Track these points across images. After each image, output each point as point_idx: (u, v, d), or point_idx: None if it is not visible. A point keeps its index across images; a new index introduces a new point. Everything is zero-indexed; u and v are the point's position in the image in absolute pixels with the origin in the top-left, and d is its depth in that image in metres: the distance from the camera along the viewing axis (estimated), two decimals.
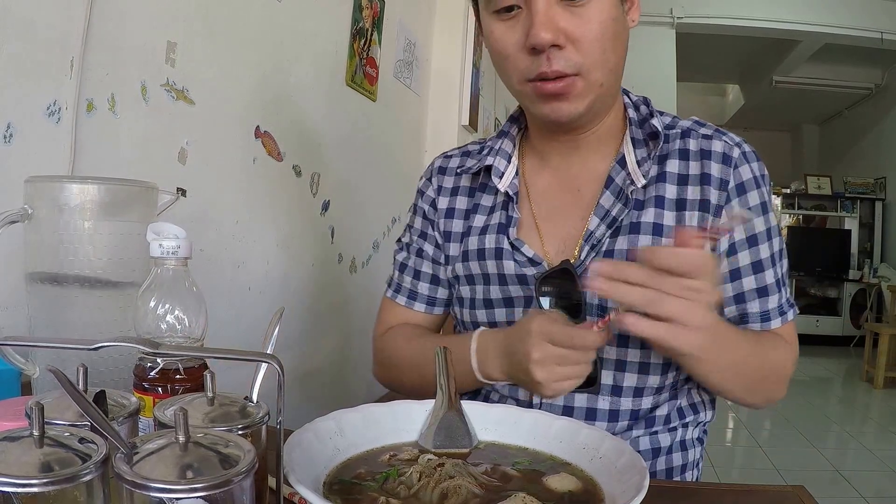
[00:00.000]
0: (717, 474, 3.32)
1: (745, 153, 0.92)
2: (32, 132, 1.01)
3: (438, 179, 1.09)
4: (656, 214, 0.90)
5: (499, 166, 1.00)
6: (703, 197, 0.90)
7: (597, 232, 0.92)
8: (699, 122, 0.97)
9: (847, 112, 8.77)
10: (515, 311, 0.97)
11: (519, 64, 0.86)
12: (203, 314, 0.69)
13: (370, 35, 2.21)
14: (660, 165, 0.93)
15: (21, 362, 0.76)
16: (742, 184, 0.90)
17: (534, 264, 0.95)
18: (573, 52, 0.83)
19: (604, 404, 0.93)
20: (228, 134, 1.50)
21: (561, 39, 0.81)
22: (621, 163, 0.94)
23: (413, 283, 1.10)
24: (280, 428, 0.52)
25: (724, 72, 8.53)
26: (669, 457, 0.97)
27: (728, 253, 0.91)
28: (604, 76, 0.86)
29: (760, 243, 0.91)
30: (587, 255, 0.91)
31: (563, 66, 0.83)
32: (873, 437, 4.26)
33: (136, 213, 0.81)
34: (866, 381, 5.80)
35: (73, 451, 0.43)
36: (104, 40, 1.12)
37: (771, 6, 5.83)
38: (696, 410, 1.00)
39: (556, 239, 0.96)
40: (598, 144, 0.97)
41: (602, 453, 0.65)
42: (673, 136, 0.95)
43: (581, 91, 0.85)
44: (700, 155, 0.92)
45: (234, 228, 1.55)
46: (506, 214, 0.99)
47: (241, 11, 1.51)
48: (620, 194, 0.93)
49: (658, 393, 0.94)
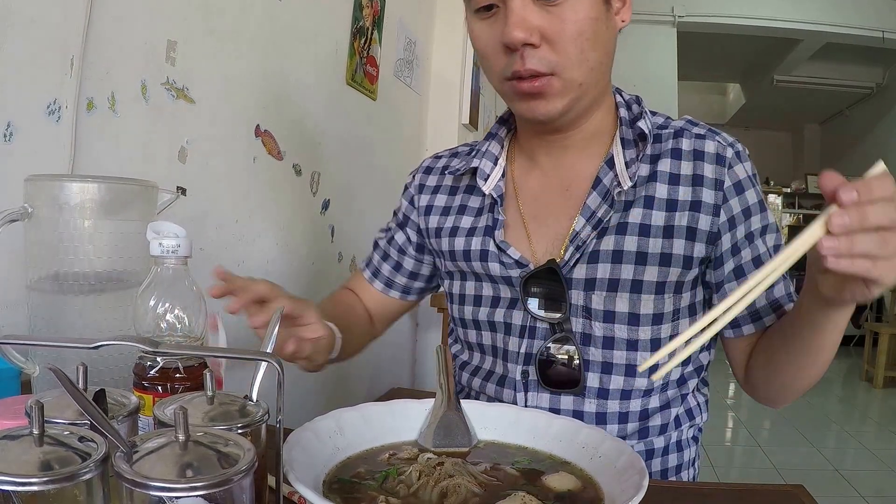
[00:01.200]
0: (717, 474, 3.32)
1: (738, 153, 0.92)
2: (33, 131, 1.01)
3: (422, 178, 1.12)
4: (644, 215, 0.90)
5: (484, 168, 1.01)
6: (694, 198, 0.89)
7: (582, 233, 0.92)
8: (692, 121, 0.97)
9: (848, 111, 8.76)
10: (498, 311, 0.98)
11: (497, 62, 0.87)
12: (203, 313, 0.69)
13: (370, 34, 2.21)
14: (652, 165, 0.92)
15: (21, 361, 0.76)
16: (739, 182, 0.90)
17: (520, 266, 0.95)
18: (548, 52, 0.83)
19: (590, 407, 0.92)
20: (229, 133, 1.51)
21: (535, 38, 0.82)
22: (609, 163, 0.94)
23: (378, 262, 1.17)
24: (280, 427, 0.52)
25: (725, 71, 8.52)
26: (665, 458, 0.96)
27: (732, 252, 0.90)
28: (582, 75, 0.85)
29: (757, 238, 0.91)
30: (571, 256, 0.91)
31: (536, 65, 0.83)
32: (873, 436, 4.26)
33: (137, 211, 0.82)
34: (866, 380, 5.81)
35: (73, 450, 0.43)
36: (104, 39, 1.13)
37: (772, 5, 5.82)
38: (692, 416, 0.99)
39: (544, 239, 0.96)
40: (586, 144, 0.96)
41: (602, 453, 0.65)
42: (665, 136, 0.94)
43: (558, 90, 0.85)
44: (693, 155, 0.91)
45: (234, 227, 1.55)
46: (492, 217, 0.99)
47: (242, 10, 1.51)
48: (607, 195, 0.92)
49: (647, 395, 0.93)
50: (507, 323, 0.97)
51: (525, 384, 0.95)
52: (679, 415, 0.97)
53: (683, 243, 0.89)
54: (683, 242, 0.89)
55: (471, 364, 1.05)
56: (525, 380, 0.95)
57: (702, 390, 1.02)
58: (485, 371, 1.02)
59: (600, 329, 0.91)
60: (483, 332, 1.01)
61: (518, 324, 0.96)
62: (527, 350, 0.95)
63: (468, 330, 1.04)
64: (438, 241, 1.06)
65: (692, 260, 0.90)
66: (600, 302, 0.90)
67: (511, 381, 0.96)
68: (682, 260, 0.89)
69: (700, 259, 0.90)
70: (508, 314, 0.97)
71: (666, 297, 0.90)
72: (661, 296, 0.90)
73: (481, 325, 1.01)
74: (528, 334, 0.95)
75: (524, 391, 0.95)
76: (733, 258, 0.90)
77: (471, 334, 1.03)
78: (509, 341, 0.97)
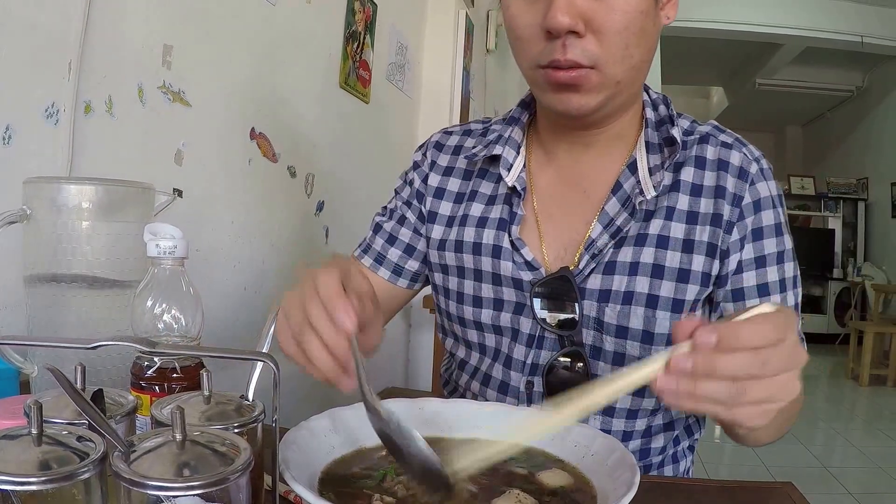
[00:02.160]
0: (707, 470, 3.33)
1: (763, 170, 0.86)
2: (31, 134, 1.02)
3: (433, 154, 1.02)
4: (664, 226, 0.84)
5: (508, 157, 0.92)
6: (716, 210, 0.84)
7: (599, 241, 0.86)
8: (719, 127, 0.91)
9: (829, 114, 8.81)
10: (503, 315, 0.91)
11: (533, 48, 0.78)
12: (199, 313, 0.70)
13: (363, 38, 2.22)
14: (675, 174, 0.86)
15: (20, 361, 0.76)
16: (758, 201, 0.84)
17: (531, 269, 0.88)
18: (592, 43, 0.75)
19: (594, 423, 0.87)
20: (224, 135, 1.51)
21: (580, 26, 0.74)
22: (632, 168, 0.87)
23: (384, 247, 1.02)
24: (275, 426, 0.52)
25: (708, 74, 8.57)
26: (661, 470, 0.95)
27: (734, 272, 0.85)
28: (623, 72, 0.78)
29: (769, 265, 0.85)
30: (587, 265, 0.86)
31: (578, 56, 0.75)
32: (859, 433, 4.29)
33: (134, 213, 0.82)
34: (851, 378, 5.82)
35: (71, 450, 0.43)
36: (101, 43, 1.13)
37: (754, 11, 5.90)
38: (691, 433, 0.98)
39: (556, 243, 0.90)
40: (610, 144, 0.90)
41: (594, 451, 0.66)
42: (691, 143, 0.88)
43: (595, 85, 0.78)
44: (717, 165, 0.86)
45: (229, 229, 1.55)
46: (509, 210, 0.91)
47: (237, 15, 1.51)
48: (627, 203, 0.86)
49: (653, 414, 0.90)
50: (514, 329, 0.91)
51: (529, 395, 0.90)
52: (679, 432, 0.95)
53: (703, 259, 0.84)
54: (703, 259, 0.84)
55: (470, 364, 0.99)
56: (529, 391, 0.90)
57: None
58: (484, 374, 0.96)
59: (611, 344, 0.86)
60: (486, 333, 0.94)
61: (526, 332, 0.90)
62: (533, 360, 0.89)
63: (467, 329, 0.96)
64: (443, 228, 0.97)
65: (710, 278, 0.84)
66: (613, 316, 0.84)
67: (514, 389, 0.91)
68: (701, 277, 0.84)
69: (716, 276, 0.85)
70: (515, 320, 0.90)
71: (683, 316, 0.84)
72: (679, 315, 0.84)
73: (484, 328, 0.94)
74: (537, 344, 0.89)
75: (527, 402, 0.90)
76: (732, 278, 0.85)
77: (471, 334, 0.96)
78: (515, 348, 0.91)
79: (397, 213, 1.03)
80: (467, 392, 1.00)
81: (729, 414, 0.50)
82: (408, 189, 1.03)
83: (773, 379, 0.49)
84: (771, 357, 0.48)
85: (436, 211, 0.98)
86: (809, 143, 9.75)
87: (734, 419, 0.50)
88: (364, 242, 1.05)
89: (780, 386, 0.49)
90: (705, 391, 0.48)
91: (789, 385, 0.50)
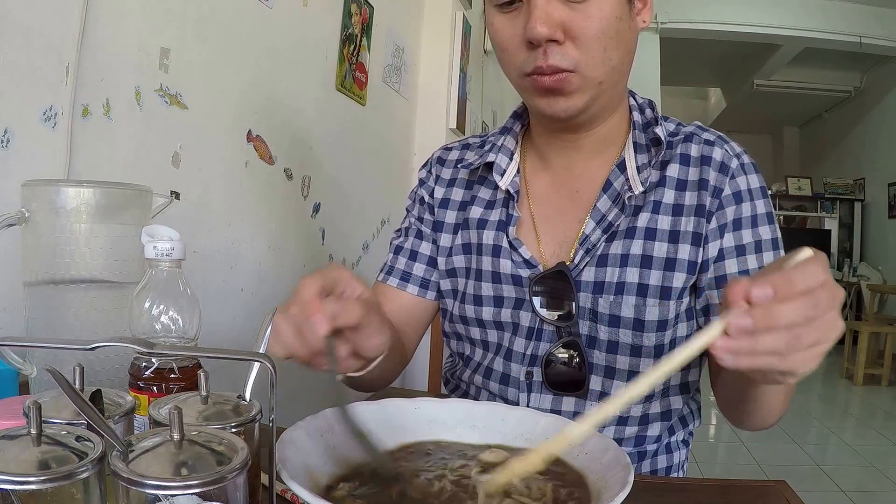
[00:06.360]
0: (701, 469, 3.34)
1: (744, 164, 0.91)
2: (29, 137, 1.02)
3: (437, 169, 1.09)
4: (651, 219, 0.90)
5: (500, 163, 0.99)
6: (699, 202, 0.89)
7: (592, 236, 0.91)
8: (702, 126, 0.96)
9: (827, 114, 8.85)
10: (504, 311, 0.96)
11: (517, 57, 0.85)
12: (196, 315, 0.70)
13: (359, 41, 2.22)
14: (661, 171, 0.92)
15: (19, 362, 0.76)
16: (738, 193, 0.89)
17: (529, 266, 0.94)
18: (571, 48, 0.81)
19: (591, 410, 0.89)
20: (221, 138, 1.51)
21: (558, 35, 0.80)
22: (621, 167, 0.93)
23: (408, 265, 1.06)
24: (272, 426, 0.53)
25: (706, 76, 8.61)
26: (654, 459, 0.97)
27: (715, 259, 0.89)
28: (603, 74, 0.84)
29: (748, 254, 0.89)
30: (581, 259, 0.91)
31: (558, 61, 0.81)
32: (853, 432, 4.29)
33: (131, 215, 0.82)
34: (846, 377, 5.83)
35: (70, 449, 0.43)
36: (99, 47, 1.13)
37: (752, 12, 5.92)
38: (686, 423, 1.00)
39: (552, 241, 0.95)
40: (599, 147, 0.95)
41: (588, 449, 0.66)
42: (676, 142, 0.93)
43: (577, 87, 0.84)
44: (700, 161, 0.91)
45: (226, 230, 1.56)
46: (506, 212, 0.98)
47: (234, 18, 1.52)
48: (617, 199, 0.91)
49: (648, 400, 0.93)
50: (514, 323, 0.95)
51: (529, 385, 0.94)
52: (675, 421, 0.97)
53: (689, 248, 0.89)
54: (689, 248, 0.89)
55: (473, 360, 1.03)
56: (529, 381, 0.94)
57: (695, 397, 1.02)
58: (486, 368, 1.00)
59: (605, 333, 0.90)
60: (488, 329, 0.99)
61: (525, 325, 0.94)
62: (532, 352, 0.94)
63: (470, 327, 1.01)
64: (450, 236, 1.03)
65: (695, 265, 0.89)
66: (606, 306, 0.90)
67: (515, 380, 0.95)
68: (687, 265, 0.89)
69: (700, 264, 0.90)
70: (516, 314, 0.95)
71: (671, 303, 0.89)
72: (667, 302, 0.89)
73: (486, 324, 0.99)
74: (535, 336, 0.94)
75: (527, 392, 0.94)
76: (715, 265, 0.89)
77: (473, 331, 1.01)
78: (515, 341, 0.95)
79: (413, 229, 1.08)
80: (471, 386, 1.04)
81: (785, 364, 0.51)
82: (418, 206, 1.09)
83: (823, 319, 0.50)
84: (821, 298, 0.49)
85: (442, 220, 1.05)
86: (806, 144, 9.79)
87: (790, 367, 0.51)
88: (386, 266, 1.09)
89: (829, 325, 0.51)
90: (765, 345, 0.49)
91: (837, 323, 0.51)
